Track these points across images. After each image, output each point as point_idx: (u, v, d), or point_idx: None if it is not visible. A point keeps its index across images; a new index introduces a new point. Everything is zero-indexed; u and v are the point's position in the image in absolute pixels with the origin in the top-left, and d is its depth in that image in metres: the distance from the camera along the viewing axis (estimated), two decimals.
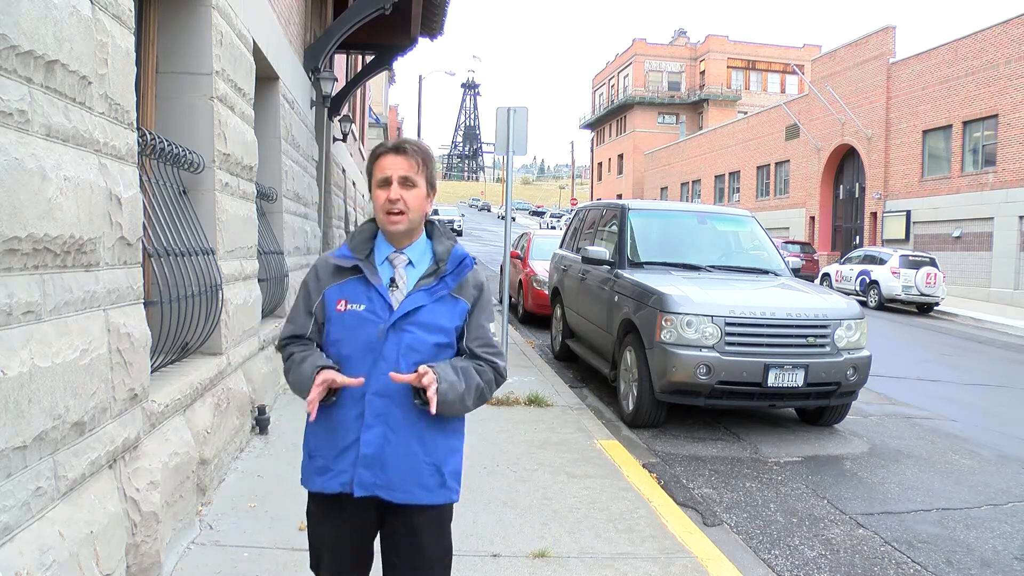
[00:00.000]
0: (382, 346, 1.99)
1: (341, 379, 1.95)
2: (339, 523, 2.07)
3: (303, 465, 2.12)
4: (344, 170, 16.77)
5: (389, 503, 2.03)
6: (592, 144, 70.14)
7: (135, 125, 3.07)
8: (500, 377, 2.13)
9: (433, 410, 1.93)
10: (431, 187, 2.09)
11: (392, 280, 2.06)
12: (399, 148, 2.05)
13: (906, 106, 26.62)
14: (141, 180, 3.27)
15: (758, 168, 38.20)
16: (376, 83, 33.27)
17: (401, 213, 2.02)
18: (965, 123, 24.06)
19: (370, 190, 2.11)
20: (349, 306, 2.03)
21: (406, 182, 2.03)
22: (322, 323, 2.09)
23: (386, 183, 2.03)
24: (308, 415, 2.01)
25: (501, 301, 8.74)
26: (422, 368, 1.94)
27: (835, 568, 3.99)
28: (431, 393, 1.91)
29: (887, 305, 20.00)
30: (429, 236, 2.14)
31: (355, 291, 2.04)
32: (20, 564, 2.03)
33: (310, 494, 2.12)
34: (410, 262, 2.08)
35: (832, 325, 6.29)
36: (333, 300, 2.05)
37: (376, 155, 2.08)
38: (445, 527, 2.14)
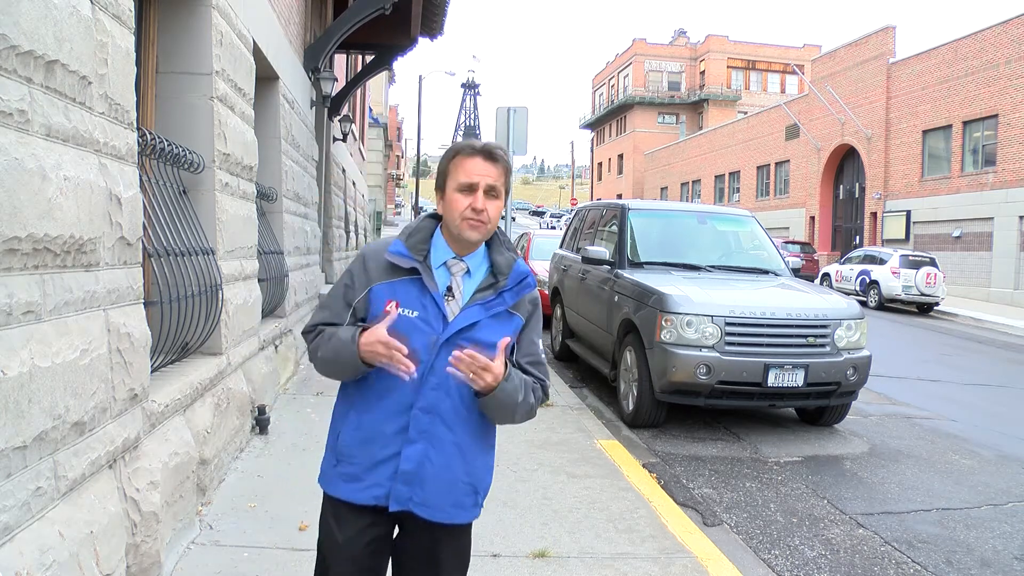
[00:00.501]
0: (433, 360, 1.86)
1: (400, 351, 1.77)
2: (361, 534, 1.95)
3: (325, 466, 2.00)
4: (344, 170, 16.78)
5: (417, 518, 1.94)
6: (592, 144, 70.14)
7: (135, 125, 3.07)
8: (545, 397, 2.05)
9: (477, 387, 1.81)
10: (507, 196, 1.98)
11: (448, 289, 1.92)
12: (491, 154, 1.91)
13: (906, 106, 26.62)
14: (141, 180, 3.27)
15: (758, 168, 38.20)
16: (376, 83, 33.30)
17: (482, 222, 1.88)
18: (965, 123, 24.06)
19: (441, 188, 1.95)
20: (401, 310, 1.87)
21: (492, 191, 1.90)
22: (361, 319, 1.94)
23: (471, 189, 1.88)
24: (340, 409, 1.97)
25: None
26: (483, 360, 1.79)
27: (835, 568, 3.99)
28: (490, 378, 1.79)
29: (887, 305, 20.00)
30: (487, 244, 2.00)
31: (408, 294, 1.89)
32: (20, 564, 2.03)
33: (329, 498, 1.99)
34: (468, 271, 1.95)
35: (832, 325, 6.29)
36: (381, 299, 1.89)
37: (460, 154, 1.92)
38: (469, 542, 2.07)
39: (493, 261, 1.98)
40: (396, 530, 2.05)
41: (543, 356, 2.07)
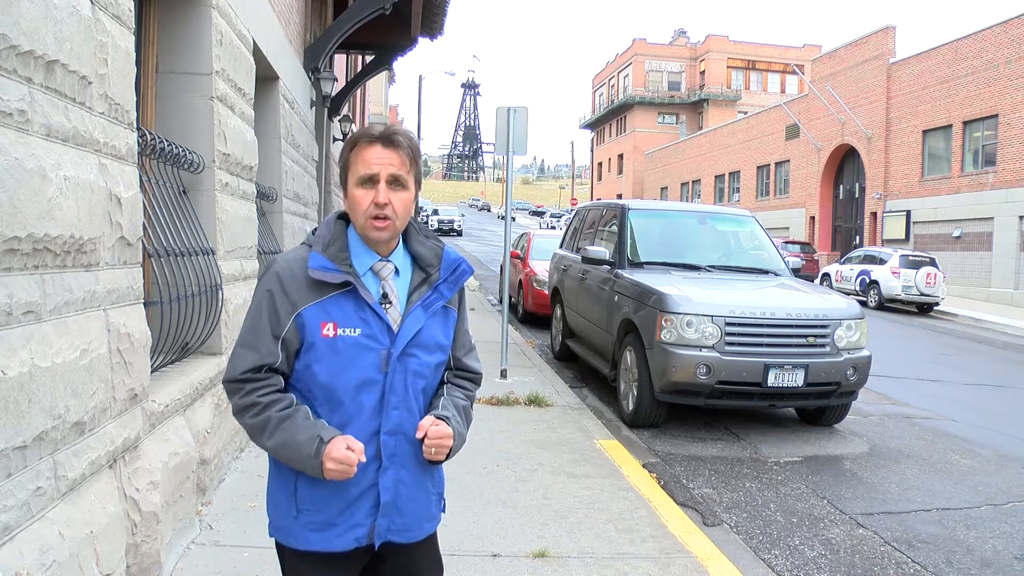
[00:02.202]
0: (388, 377, 1.71)
1: (359, 449, 1.64)
2: None
3: (280, 519, 1.78)
4: None
5: (392, 544, 1.81)
6: (592, 144, 70.15)
7: (135, 125, 3.07)
8: (480, 382, 1.99)
9: (441, 458, 1.76)
10: (418, 185, 1.77)
11: (384, 295, 1.74)
12: (390, 139, 1.70)
13: (906, 106, 26.62)
14: (141, 180, 3.27)
15: (758, 168, 38.20)
16: (376, 83, 33.29)
17: (388, 219, 1.69)
18: (965, 123, 24.06)
19: (343, 183, 1.75)
20: (340, 331, 1.67)
21: (395, 182, 1.70)
22: (294, 351, 1.71)
23: (371, 182, 1.68)
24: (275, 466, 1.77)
25: (501, 301, 8.74)
26: (442, 431, 1.72)
27: (835, 568, 3.99)
28: (448, 440, 1.73)
29: (887, 305, 20.00)
30: (403, 236, 1.82)
31: (343, 311, 1.68)
32: (20, 564, 2.03)
33: (296, 554, 1.78)
34: (396, 271, 1.78)
35: (832, 325, 6.29)
36: (315, 323, 1.67)
37: (357, 143, 1.71)
38: (437, 545, 1.97)
39: (415, 253, 1.81)
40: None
41: (471, 338, 1.99)
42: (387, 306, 1.73)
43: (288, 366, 1.72)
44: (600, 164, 67.84)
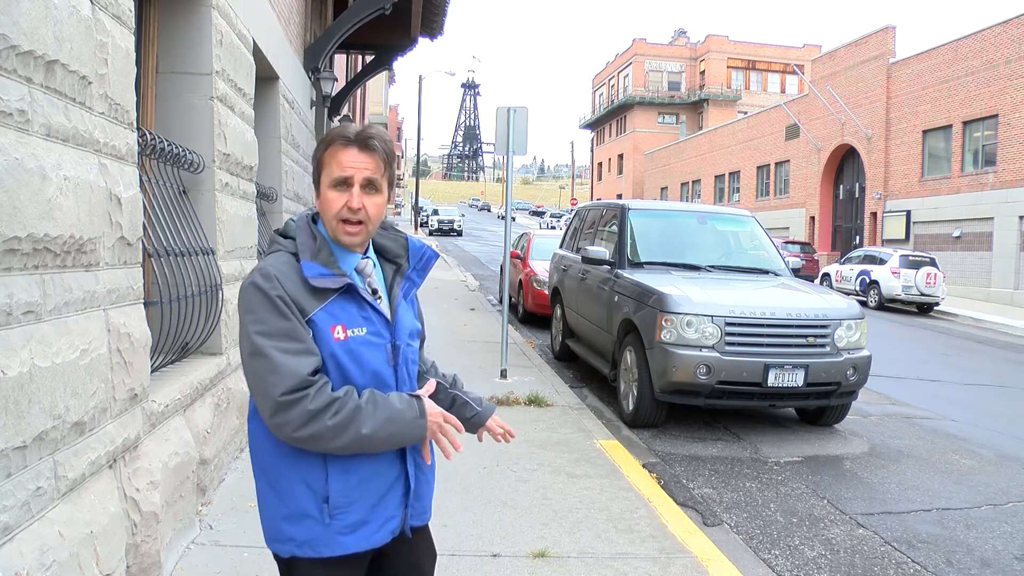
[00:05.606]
0: (397, 368, 1.76)
1: (458, 428, 1.80)
2: None
3: (308, 532, 1.70)
4: None
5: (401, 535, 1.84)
6: (592, 144, 70.18)
7: (135, 125, 3.07)
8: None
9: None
10: (391, 187, 1.75)
11: (374, 291, 1.77)
12: (365, 143, 1.68)
13: (906, 106, 26.62)
14: (141, 180, 3.27)
15: (758, 168, 38.20)
16: (376, 83, 33.28)
17: (361, 223, 1.69)
18: (965, 123, 24.06)
19: (316, 183, 1.74)
20: (350, 332, 1.68)
21: (369, 186, 1.69)
22: None
23: (344, 184, 1.67)
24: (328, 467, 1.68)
25: (501, 301, 8.73)
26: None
27: (835, 568, 3.99)
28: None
29: (887, 305, 20.00)
30: None
31: (347, 312, 1.69)
32: (20, 564, 2.03)
33: (319, 562, 1.72)
34: (374, 264, 1.82)
35: (832, 325, 6.29)
36: (326, 328, 1.65)
37: (333, 144, 1.69)
38: (430, 531, 1.99)
39: (380, 247, 1.85)
40: None
41: None
42: (379, 299, 1.77)
43: None
44: (600, 164, 67.85)
